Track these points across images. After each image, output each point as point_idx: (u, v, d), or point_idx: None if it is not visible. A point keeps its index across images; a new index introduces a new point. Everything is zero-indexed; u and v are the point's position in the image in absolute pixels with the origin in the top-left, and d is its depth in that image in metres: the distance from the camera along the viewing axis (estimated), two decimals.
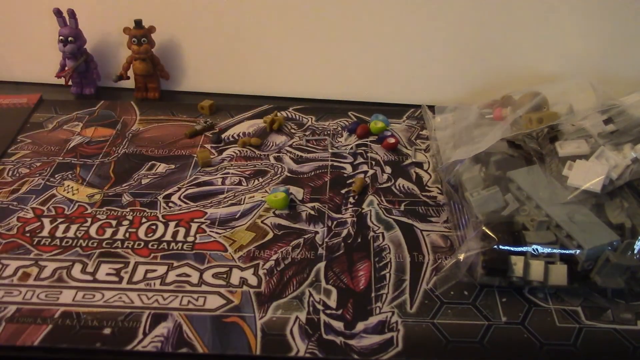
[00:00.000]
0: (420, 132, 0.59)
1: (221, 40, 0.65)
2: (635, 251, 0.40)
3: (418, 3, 0.61)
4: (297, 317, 0.40)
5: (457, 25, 0.61)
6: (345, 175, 0.53)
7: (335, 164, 0.54)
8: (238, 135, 0.58)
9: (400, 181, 0.52)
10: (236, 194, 0.50)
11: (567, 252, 0.40)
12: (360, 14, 0.62)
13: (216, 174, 0.53)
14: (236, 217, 0.48)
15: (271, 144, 0.57)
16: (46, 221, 0.47)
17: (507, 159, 0.48)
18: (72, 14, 0.61)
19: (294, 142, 0.57)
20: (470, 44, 0.62)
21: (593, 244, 0.40)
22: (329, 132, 0.59)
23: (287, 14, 0.63)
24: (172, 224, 0.47)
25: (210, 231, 0.46)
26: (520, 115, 0.48)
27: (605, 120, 0.47)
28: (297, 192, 0.51)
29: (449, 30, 0.62)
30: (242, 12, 0.63)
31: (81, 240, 0.45)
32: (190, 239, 0.46)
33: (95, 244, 0.45)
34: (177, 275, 0.43)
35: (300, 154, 0.55)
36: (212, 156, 0.55)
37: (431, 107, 0.59)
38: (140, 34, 0.61)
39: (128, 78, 0.65)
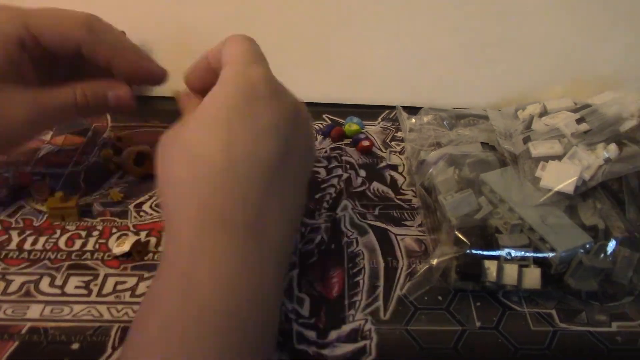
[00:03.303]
0: (396, 134, 0.59)
1: (193, 44, 0.64)
2: (608, 253, 0.40)
3: (392, 4, 0.60)
4: None
5: (433, 26, 0.61)
6: (319, 179, 0.52)
7: None
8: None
9: (375, 185, 0.52)
10: None
11: (540, 255, 0.40)
12: (332, 14, 0.61)
13: None
14: None
15: None
16: (14, 233, 0.46)
17: (482, 161, 0.47)
18: None
19: None
20: (447, 45, 0.62)
21: (566, 247, 0.40)
22: None
23: (258, 16, 0.62)
24: (143, 234, 0.46)
25: None
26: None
27: (578, 120, 0.47)
28: None
29: (425, 32, 0.61)
30: (212, 15, 0.62)
31: (50, 253, 0.44)
32: (161, 248, 0.45)
33: (64, 256, 0.44)
34: (148, 287, 0.42)
35: None
36: None
37: (406, 108, 0.58)
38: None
39: None
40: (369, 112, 0.62)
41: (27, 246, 0.45)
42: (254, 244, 0.33)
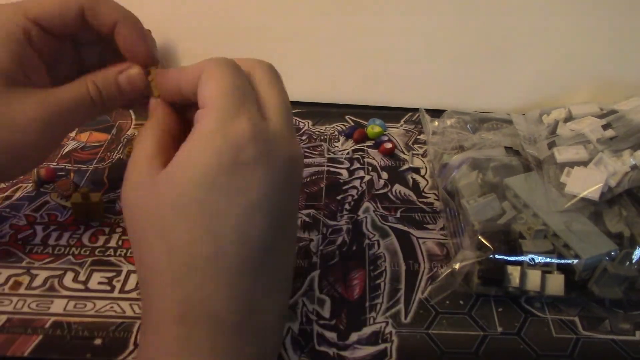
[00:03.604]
0: (418, 137, 0.59)
1: (218, 44, 0.64)
2: (634, 261, 0.39)
3: (417, 5, 0.60)
4: (289, 328, 0.39)
5: (457, 28, 0.61)
6: (341, 181, 0.52)
7: (332, 169, 0.54)
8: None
9: (397, 187, 0.52)
10: None
11: (564, 261, 0.40)
12: (358, 16, 0.61)
13: None
14: None
15: None
16: (39, 228, 0.47)
17: (505, 166, 0.47)
18: None
19: None
20: (471, 47, 0.61)
21: (591, 254, 0.39)
22: (325, 136, 0.58)
23: (283, 18, 0.62)
24: None
25: None
26: None
27: (604, 126, 0.47)
28: None
29: (449, 34, 0.61)
30: (238, 16, 0.63)
31: (74, 248, 0.45)
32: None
33: (87, 252, 0.45)
34: None
35: None
36: None
37: (429, 111, 0.58)
38: None
39: None
40: (391, 114, 0.62)
41: (51, 241, 0.46)
42: (244, 341, 0.30)
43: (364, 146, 0.57)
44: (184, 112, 0.38)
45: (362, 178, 0.53)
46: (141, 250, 0.32)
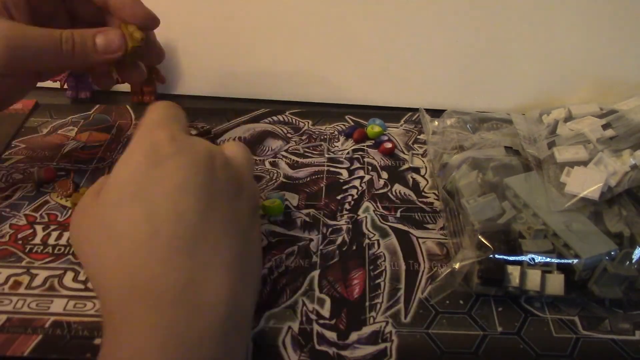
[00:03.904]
0: (418, 137, 0.59)
1: (217, 44, 0.64)
2: (634, 261, 0.39)
3: (417, 5, 0.60)
4: (289, 327, 0.39)
5: (457, 28, 0.61)
6: (341, 180, 0.52)
7: (332, 169, 0.54)
8: (234, 140, 0.57)
9: (397, 187, 0.52)
10: None
11: (564, 261, 0.40)
12: (357, 16, 0.61)
13: None
14: None
15: (267, 148, 0.56)
16: (39, 228, 0.47)
17: (505, 166, 0.47)
18: None
19: (290, 147, 0.56)
20: (470, 48, 0.61)
21: (590, 253, 0.39)
22: (325, 136, 0.58)
23: (283, 18, 0.62)
24: None
25: None
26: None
27: (604, 126, 0.47)
28: (292, 198, 0.50)
29: (449, 34, 0.61)
30: (238, 15, 0.63)
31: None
32: None
33: None
34: None
35: (296, 159, 0.55)
36: None
37: (429, 111, 0.58)
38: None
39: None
40: (391, 114, 0.62)
41: (51, 241, 0.46)
42: (181, 315, 0.31)
43: (364, 146, 0.57)
44: None
45: (362, 178, 0.53)
46: (91, 255, 0.34)
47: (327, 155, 0.55)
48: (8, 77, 0.44)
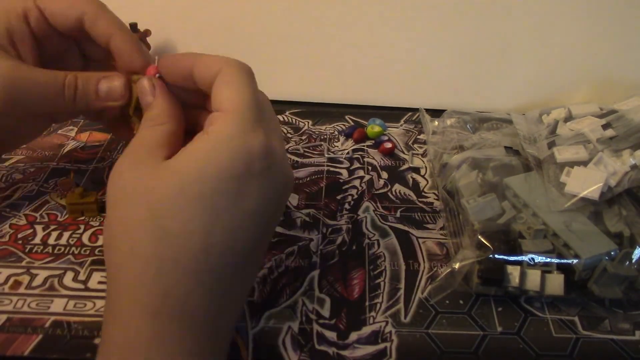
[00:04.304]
0: (418, 137, 0.59)
1: (217, 44, 0.64)
2: (634, 261, 0.39)
3: (417, 6, 0.60)
4: (289, 327, 0.39)
5: (458, 28, 0.61)
6: (341, 180, 0.52)
7: (332, 169, 0.54)
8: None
9: (397, 187, 0.52)
10: None
11: (564, 261, 0.40)
12: (358, 16, 0.61)
13: None
14: None
15: None
16: (39, 228, 0.47)
17: (505, 166, 0.47)
18: None
19: (290, 147, 0.56)
20: (470, 48, 0.61)
21: (590, 253, 0.39)
22: (325, 136, 0.58)
23: (283, 17, 0.62)
24: None
25: None
26: None
27: (604, 126, 0.47)
28: (292, 198, 0.50)
29: (449, 34, 0.61)
30: (238, 15, 0.63)
31: (73, 248, 0.45)
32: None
33: (87, 252, 0.45)
34: None
35: (296, 159, 0.55)
36: None
37: (429, 111, 0.58)
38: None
39: None
40: (391, 114, 0.62)
41: (51, 241, 0.46)
42: (211, 341, 0.31)
43: (364, 146, 0.57)
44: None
45: (362, 178, 0.53)
46: (124, 232, 0.31)
47: (327, 155, 0.55)
48: (9, 117, 0.42)
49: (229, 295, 0.32)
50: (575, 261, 0.39)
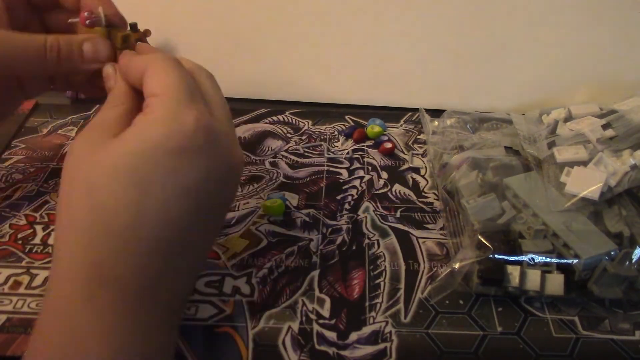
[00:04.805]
0: (418, 137, 0.59)
1: (217, 44, 0.64)
2: (633, 261, 0.39)
3: (417, 6, 0.60)
4: (289, 327, 0.39)
5: (457, 28, 0.61)
6: (341, 180, 0.52)
7: (332, 169, 0.54)
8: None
9: (397, 187, 0.52)
10: None
11: (564, 261, 0.40)
12: (358, 16, 0.61)
13: None
14: (231, 223, 0.47)
15: (267, 148, 0.56)
16: (38, 228, 0.47)
17: (505, 166, 0.47)
18: None
19: (290, 147, 0.56)
20: (470, 48, 0.61)
21: (590, 253, 0.39)
22: (325, 136, 0.58)
23: (283, 18, 0.62)
24: None
25: None
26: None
27: (604, 126, 0.47)
28: (292, 198, 0.50)
29: (449, 34, 0.61)
30: (239, 16, 0.63)
31: None
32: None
33: None
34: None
35: (296, 159, 0.55)
36: None
37: (429, 111, 0.58)
38: (136, 37, 0.60)
39: None
40: (391, 114, 0.62)
41: (51, 241, 0.46)
42: (146, 308, 0.32)
43: (363, 146, 0.57)
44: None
45: (362, 178, 0.53)
46: (66, 206, 0.33)
47: (327, 155, 0.55)
48: None
49: (169, 267, 0.33)
50: (575, 261, 0.39)
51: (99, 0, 0.43)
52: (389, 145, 0.55)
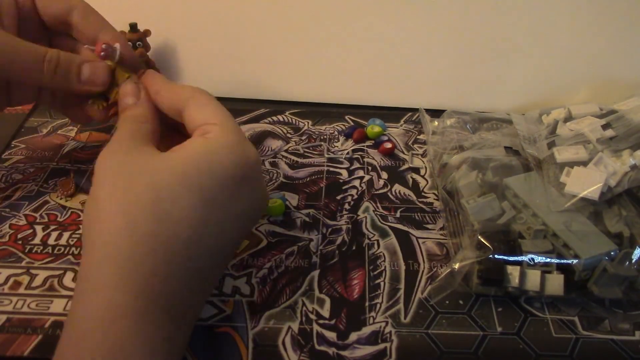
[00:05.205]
0: (418, 137, 0.59)
1: (217, 44, 0.64)
2: (633, 261, 0.39)
3: (416, 6, 0.60)
4: (289, 327, 0.39)
5: (457, 28, 0.61)
6: (341, 180, 0.52)
7: (331, 169, 0.54)
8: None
9: (397, 187, 0.52)
10: None
11: (564, 261, 0.40)
12: (357, 16, 0.61)
13: None
14: None
15: (267, 149, 0.56)
16: (38, 228, 0.47)
17: (505, 166, 0.47)
18: None
19: (290, 147, 0.56)
20: (470, 48, 0.61)
21: (590, 254, 0.39)
22: (325, 136, 0.58)
23: (283, 18, 0.62)
24: None
25: None
26: None
27: (604, 126, 0.47)
28: (292, 198, 0.50)
29: (449, 34, 0.61)
30: (239, 16, 0.63)
31: (73, 248, 0.45)
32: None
33: None
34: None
35: (296, 159, 0.55)
36: None
37: (429, 111, 0.58)
38: (135, 37, 0.60)
39: None
40: (391, 114, 0.62)
41: (51, 241, 0.46)
42: (183, 330, 0.32)
43: (363, 146, 0.57)
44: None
45: (361, 178, 0.53)
46: (115, 209, 0.32)
47: (327, 156, 0.55)
48: None
49: (202, 288, 0.34)
50: (575, 261, 0.39)
51: (117, 39, 0.44)
52: (389, 145, 0.55)
